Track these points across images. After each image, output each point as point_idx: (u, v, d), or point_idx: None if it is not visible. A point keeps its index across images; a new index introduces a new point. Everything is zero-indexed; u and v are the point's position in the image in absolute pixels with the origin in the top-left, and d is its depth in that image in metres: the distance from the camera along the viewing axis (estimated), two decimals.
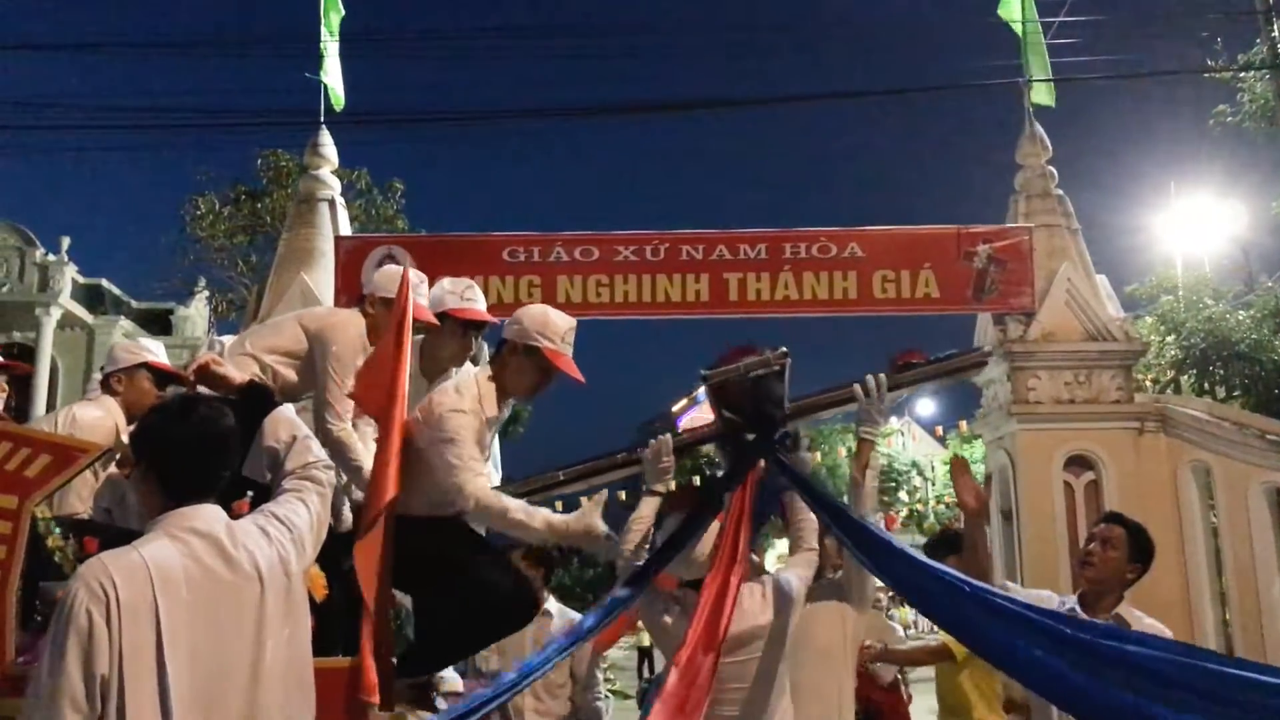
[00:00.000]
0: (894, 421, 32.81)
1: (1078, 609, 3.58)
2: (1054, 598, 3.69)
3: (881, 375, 3.58)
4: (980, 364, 3.87)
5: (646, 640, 20.95)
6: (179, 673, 2.06)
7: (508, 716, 4.36)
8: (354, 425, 3.92)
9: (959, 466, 3.77)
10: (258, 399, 2.77)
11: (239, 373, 2.71)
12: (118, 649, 2.01)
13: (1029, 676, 2.87)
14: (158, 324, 29.98)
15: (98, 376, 4.46)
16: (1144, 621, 3.55)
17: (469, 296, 4.41)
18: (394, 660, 3.34)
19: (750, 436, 3.37)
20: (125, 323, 28.71)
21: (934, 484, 33.75)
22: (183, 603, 2.10)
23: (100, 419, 3.99)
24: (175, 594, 2.10)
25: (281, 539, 2.33)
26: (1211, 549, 7.47)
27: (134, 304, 30.29)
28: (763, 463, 3.40)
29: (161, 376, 4.36)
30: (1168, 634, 3.45)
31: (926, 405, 32.99)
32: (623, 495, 7.11)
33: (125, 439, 4.09)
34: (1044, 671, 2.70)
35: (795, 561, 3.65)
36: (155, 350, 4.50)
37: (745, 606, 3.40)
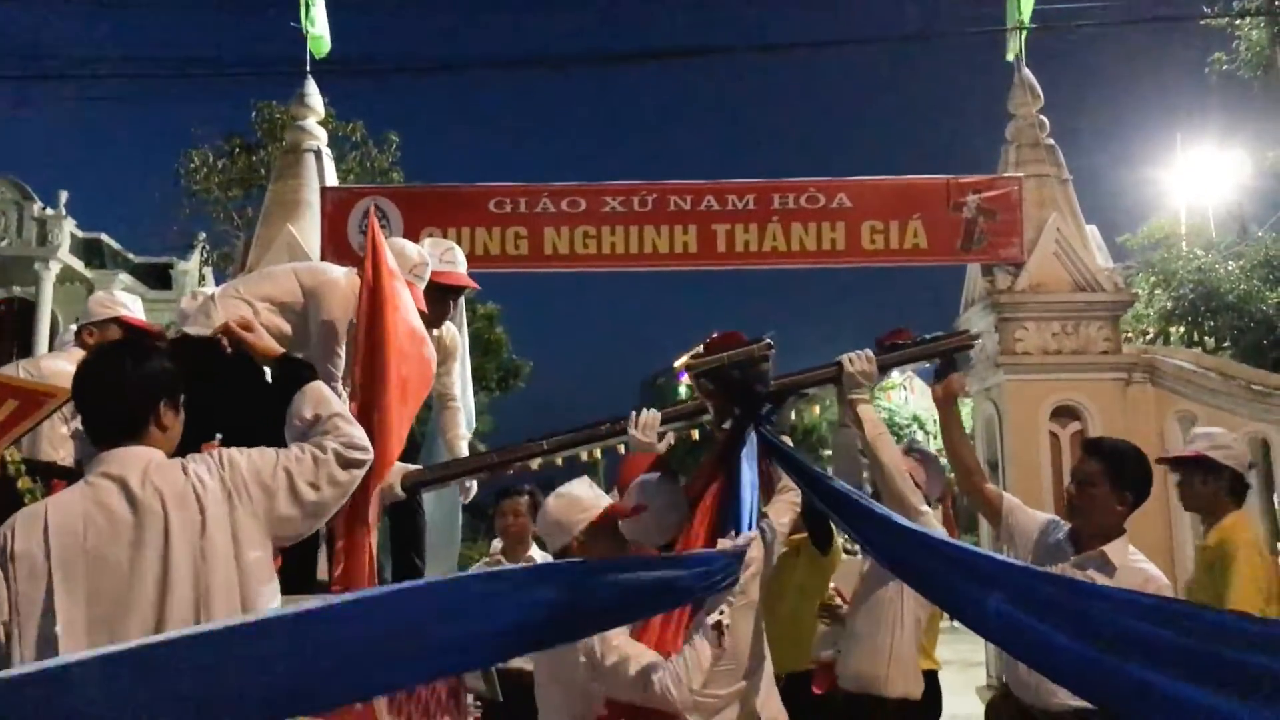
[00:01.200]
0: (895, 375, 32.89)
1: (1065, 543, 3.52)
2: (1057, 522, 3.63)
3: (868, 350, 3.61)
4: (967, 346, 3.87)
5: None
6: (73, 619, 2.08)
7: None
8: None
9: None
10: (290, 370, 2.63)
11: (274, 344, 2.61)
12: (14, 596, 2.09)
13: (1003, 636, 2.79)
14: (158, 278, 29.99)
15: (73, 329, 4.49)
16: (1131, 562, 3.42)
17: (449, 259, 4.43)
18: None
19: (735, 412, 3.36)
20: (125, 277, 28.69)
21: (935, 438, 33.89)
22: (79, 549, 2.12)
23: (63, 369, 4.02)
24: (71, 542, 2.12)
25: (204, 474, 2.26)
26: None
27: (133, 258, 30.26)
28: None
29: (134, 331, 4.38)
30: (1156, 575, 3.36)
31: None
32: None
33: None
34: (1017, 631, 2.64)
35: (777, 509, 3.69)
36: (130, 305, 4.52)
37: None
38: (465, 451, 4.90)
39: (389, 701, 3.30)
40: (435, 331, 4.40)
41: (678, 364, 37.53)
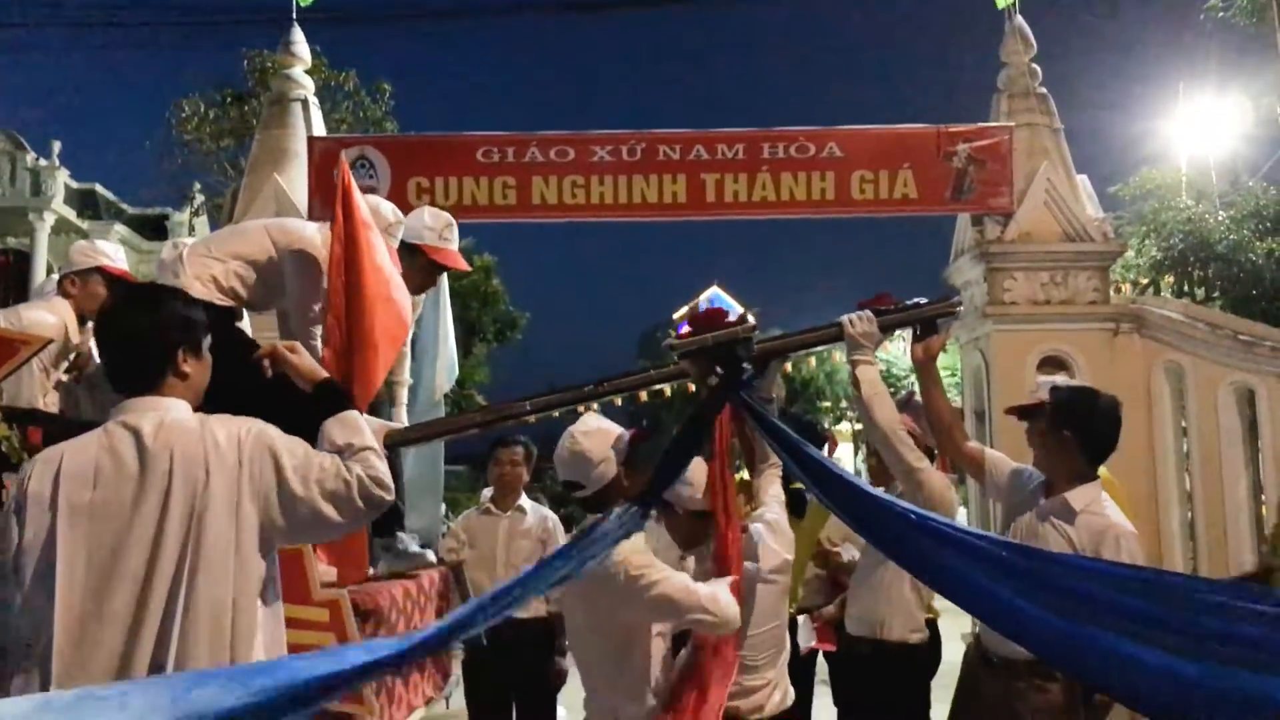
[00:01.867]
0: None
1: (1038, 492, 3.58)
2: (1029, 472, 3.70)
3: (868, 312, 3.62)
4: (951, 313, 3.86)
5: None
6: (73, 563, 2.12)
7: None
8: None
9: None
10: (329, 394, 2.59)
11: (317, 367, 2.61)
12: (23, 534, 2.14)
13: (979, 607, 2.80)
14: (153, 229, 29.90)
15: (54, 278, 4.49)
16: (1093, 509, 3.44)
17: (447, 237, 4.45)
18: None
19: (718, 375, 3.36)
20: (120, 228, 28.61)
21: None
22: (85, 497, 2.16)
23: (42, 319, 4.03)
24: (79, 488, 2.16)
25: (221, 436, 2.25)
26: (1180, 449, 7.55)
27: (128, 209, 30.14)
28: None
29: (117, 282, 4.38)
30: (1117, 522, 3.40)
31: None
32: None
33: (76, 340, 4.14)
34: (995, 603, 2.65)
35: (766, 478, 3.77)
36: (112, 254, 4.52)
37: (769, 544, 3.56)
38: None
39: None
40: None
41: (677, 315, 37.49)
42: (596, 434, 3.23)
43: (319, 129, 7.88)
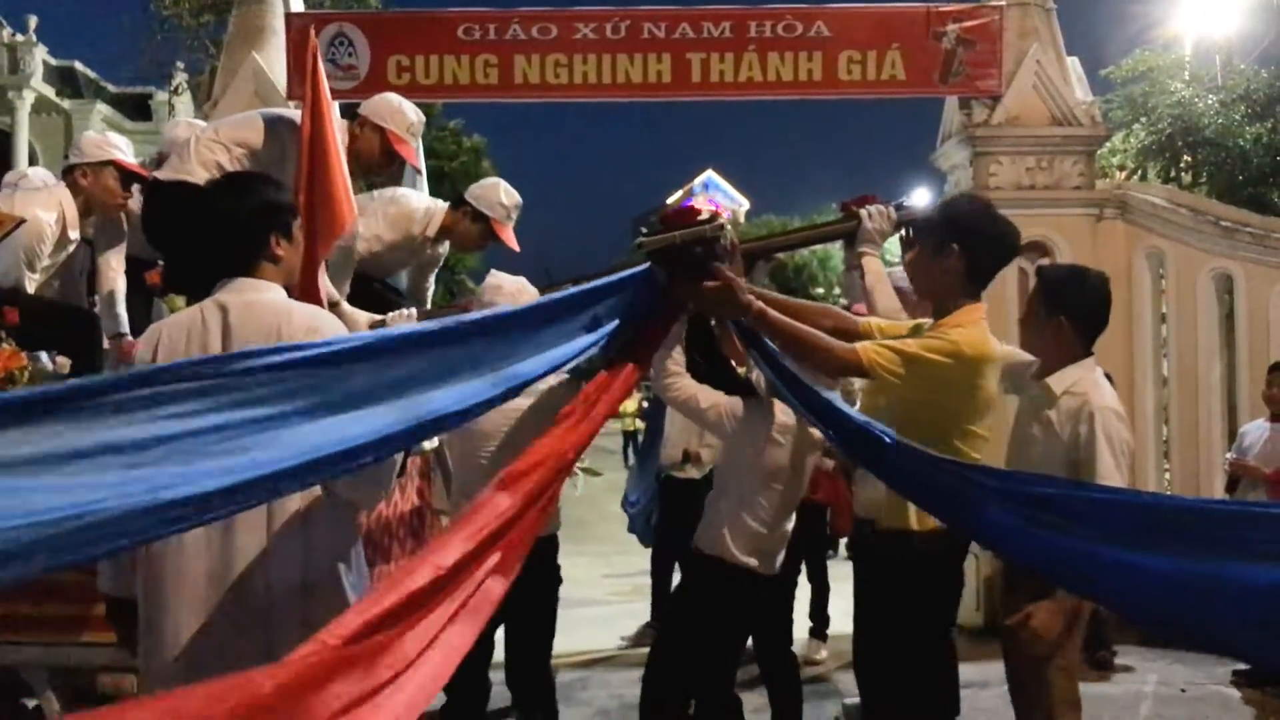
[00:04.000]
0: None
1: (1029, 377, 3.51)
2: (1029, 359, 3.56)
3: (888, 209, 3.64)
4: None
5: (630, 425, 21.58)
6: None
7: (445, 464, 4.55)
8: None
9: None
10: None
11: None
12: None
13: (946, 512, 2.80)
14: (136, 109, 29.36)
15: (39, 171, 4.46)
16: (1072, 389, 3.41)
17: (513, 216, 4.77)
18: None
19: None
20: (102, 107, 28.13)
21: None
22: (179, 356, 2.31)
23: (39, 213, 4.03)
24: (177, 349, 2.33)
25: (295, 322, 2.35)
26: (1158, 335, 7.63)
27: (110, 88, 29.53)
28: None
29: (128, 175, 4.36)
30: (1092, 400, 3.34)
31: (922, 198, 32.67)
32: None
33: (75, 234, 4.15)
34: (969, 513, 2.62)
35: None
36: (123, 147, 4.48)
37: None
38: None
39: None
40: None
41: (670, 201, 37.23)
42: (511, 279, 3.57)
43: (296, 4, 7.71)
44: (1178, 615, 2.44)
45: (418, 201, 4.71)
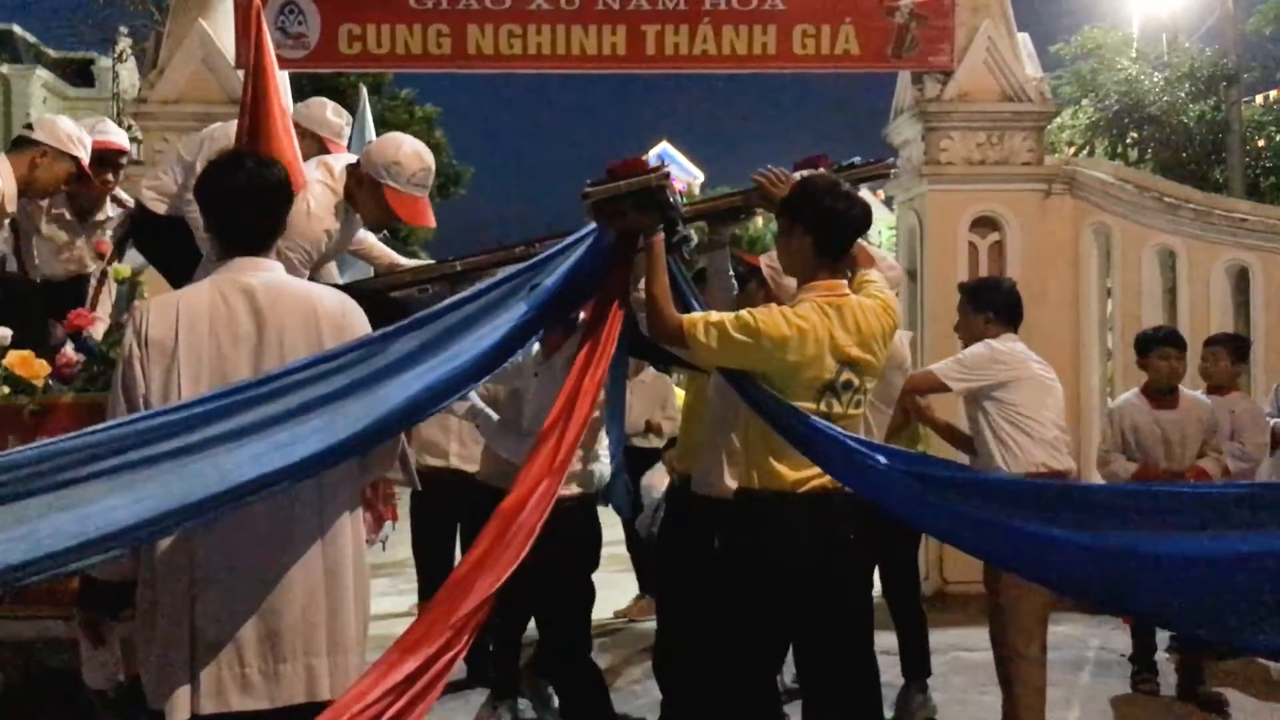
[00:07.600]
0: None
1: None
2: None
3: (788, 171, 3.60)
4: (883, 175, 3.88)
5: None
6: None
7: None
8: None
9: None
10: None
11: None
12: (147, 376, 2.34)
13: (895, 506, 3.00)
14: (78, 74, 28.65)
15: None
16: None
17: (418, 181, 4.38)
18: None
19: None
20: (43, 72, 27.41)
21: (881, 247, 34.17)
22: (204, 346, 2.36)
23: None
24: (198, 340, 2.36)
25: (326, 304, 2.48)
26: (1104, 309, 7.78)
27: (51, 53, 28.78)
28: None
29: (79, 172, 4.18)
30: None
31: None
32: None
33: (12, 208, 4.02)
34: (928, 509, 2.88)
35: None
36: (88, 146, 4.24)
37: None
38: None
39: None
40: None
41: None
42: None
43: None
44: (1095, 585, 2.70)
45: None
